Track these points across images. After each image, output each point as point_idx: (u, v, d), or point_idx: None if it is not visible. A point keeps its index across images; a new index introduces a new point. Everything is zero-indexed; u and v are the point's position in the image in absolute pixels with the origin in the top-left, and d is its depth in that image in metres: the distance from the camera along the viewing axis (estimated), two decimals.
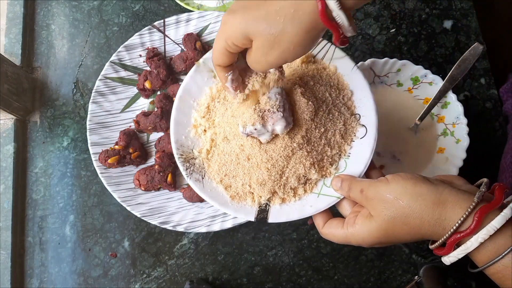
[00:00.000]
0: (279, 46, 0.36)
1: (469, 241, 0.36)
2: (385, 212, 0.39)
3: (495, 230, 0.35)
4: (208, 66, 0.52)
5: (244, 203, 0.48)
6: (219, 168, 0.49)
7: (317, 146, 0.47)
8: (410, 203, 0.38)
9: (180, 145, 0.51)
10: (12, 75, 0.68)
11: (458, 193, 0.37)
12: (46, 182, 0.69)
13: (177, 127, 0.51)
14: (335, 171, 0.48)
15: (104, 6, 0.76)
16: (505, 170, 0.61)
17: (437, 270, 0.61)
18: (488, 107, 0.70)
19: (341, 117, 0.49)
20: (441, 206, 0.37)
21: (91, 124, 0.66)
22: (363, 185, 0.42)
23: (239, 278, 0.65)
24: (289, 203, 0.48)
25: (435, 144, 0.65)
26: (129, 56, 0.69)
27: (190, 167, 0.50)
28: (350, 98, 0.50)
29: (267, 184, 0.47)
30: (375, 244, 0.41)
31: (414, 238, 0.39)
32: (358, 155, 0.48)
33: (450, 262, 0.38)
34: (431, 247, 0.40)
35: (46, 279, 0.66)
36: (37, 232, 0.67)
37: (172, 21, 0.70)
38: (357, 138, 0.49)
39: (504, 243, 0.35)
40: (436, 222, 0.37)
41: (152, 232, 0.66)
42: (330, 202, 0.47)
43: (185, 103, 0.52)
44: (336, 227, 0.44)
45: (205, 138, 0.51)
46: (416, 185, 0.39)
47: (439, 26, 0.73)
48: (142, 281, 0.65)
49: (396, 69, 0.65)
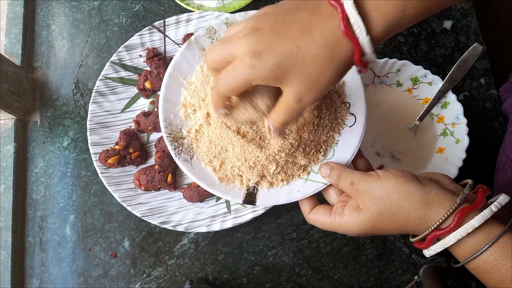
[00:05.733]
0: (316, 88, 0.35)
1: (447, 237, 0.38)
2: (374, 208, 0.41)
3: (473, 229, 0.37)
4: (200, 44, 0.51)
5: (233, 186, 0.48)
6: (208, 149, 0.49)
7: (310, 135, 0.47)
8: (399, 202, 0.40)
9: (169, 124, 0.50)
10: (12, 75, 0.68)
11: (443, 194, 0.39)
12: (46, 182, 0.69)
13: (166, 104, 0.50)
14: (323, 158, 0.49)
15: (104, 6, 0.76)
16: (500, 169, 0.61)
17: (437, 270, 0.61)
18: (488, 107, 0.70)
19: (332, 105, 0.49)
20: (427, 206, 0.39)
21: (91, 124, 0.66)
22: (354, 177, 0.43)
23: (239, 278, 0.65)
24: (277, 187, 0.49)
25: (435, 144, 0.65)
26: (129, 56, 0.69)
27: (178, 146, 0.49)
28: (342, 86, 0.51)
29: (256, 167, 0.47)
30: (361, 235, 0.43)
31: (399, 232, 0.41)
32: (346, 143, 0.49)
33: (429, 255, 0.41)
34: (412, 240, 0.42)
35: (46, 279, 0.66)
36: (37, 232, 0.67)
37: (172, 21, 0.70)
38: (346, 126, 0.49)
39: (483, 240, 0.37)
40: (421, 220, 0.39)
41: (152, 232, 0.66)
42: (318, 188, 0.47)
43: (175, 81, 0.51)
44: (323, 214, 0.45)
45: (195, 118, 0.50)
46: (406, 184, 0.40)
47: (439, 26, 0.73)
48: (142, 281, 0.65)
49: (396, 69, 0.65)
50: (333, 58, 0.35)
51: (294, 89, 0.35)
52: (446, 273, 0.62)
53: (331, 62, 0.35)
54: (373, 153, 0.65)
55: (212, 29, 0.52)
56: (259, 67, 0.34)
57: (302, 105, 0.36)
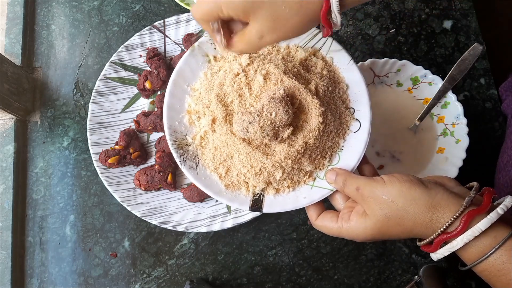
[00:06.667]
0: (278, 31, 0.38)
1: (454, 240, 0.38)
2: (380, 213, 0.41)
3: (480, 232, 0.37)
4: (203, 50, 0.51)
5: (239, 192, 0.48)
6: (213, 156, 0.48)
7: (316, 141, 0.47)
8: (405, 206, 0.40)
9: (174, 131, 0.50)
10: (12, 75, 0.68)
11: (449, 197, 0.39)
12: (47, 182, 0.69)
13: (170, 112, 0.50)
14: (329, 164, 0.49)
15: (104, 6, 0.76)
16: (502, 170, 0.61)
17: (437, 270, 0.61)
18: (488, 107, 0.70)
19: (337, 111, 0.49)
20: (433, 210, 0.39)
21: (91, 124, 0.66)
22: (359, 183, 0.43)
23: (239, 278, 0.65)
24: (283, 194, 0.48)
25: (435, 144, 0.65)
26: (129, 56, 0.69)
27: (183, 153, 0.49)
28: (345, 92, 0.51)
29: (262, 174, 0.47)
30: (368, 240, 0.43)
31: (406, 237, 0.41)
32: (351, 148, 0.49)
33: (437, 258, 0.41)
34: (419, 244, 0.42)
35: (46, 279, 0.66)
36: (37, 232, 0.67)
37: (172, 21, 0.70)
38: (350, 131, 0.49)
39: (490, 243, 0.37)
40: (427, 224, 0.39)
41: (152, 232, 0.66)
42: (324, 194, 0.47)
43: (179, 88, 0.51)
44: (330, 220, 0.45)
45: (199, 124, 0.50)
46: (411, 188, 0.40)
47: (439, 26, 0.73)
48: (142, 281, 0.65)
49: (396, 69, 0.65)
50: (302, 7, 0.37)
51: (258, 26, 0.38)
52: (446, 273, 0.62)
53: (299, 10, 0.37)
54: (373, 153, 0.65)
55: None
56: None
57: (262, 43, 0.39)
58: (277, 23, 0.37)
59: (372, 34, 0.74)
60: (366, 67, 0.65)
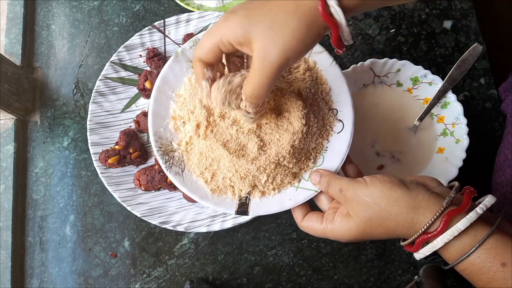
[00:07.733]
0: (281, 39, 0.36)
1: (435, 240, 0.39)
2: (363, 214, 0.41)
3: (459, 232, 0.37)
4: (186, 56, 0.51)
5: (225, 197, 0.49)
6: (199, 161, 0.49)
7: (300, 143, 0.47)
8: (387, 208, 0.40)
9: (159, 137, 0.50)
10: (12, 75, 0.68)
11: (430, 197, 0.40)
12: (47, 182, 0.69)
13: (155, 118, 0.50)
14: (313, 165, 0.49)
15: (104, 6, 0.76)
16: (499, 169, 0.61)
17: (437, 270, 0.61)
18: (488, 107, 0.70)
19: (320, 112, 0.49)
20: (414, 211, 0.39)
21: (91, 124, 0.66)
22: (342, 184, 0.43)
23: (239, 278, 0.65)
24: (269, 196, 0.49)
25: (435, 144, 0.65)
26: (129, 56, 0.69)
27: (169, 159, 0.49)
28: (328, 93, 0.51)
29: (248, 177, 0.47)
30: (352, 241, 0.43)
31: (389, 237, 0.42)
32: (335, 149, 0.49)
33: (419, 258, 0.41)
34: (402, 244, 0.42)
35: (47, 279, 0.66)
36: (37, 232, 0.67)
37: (172, 21, 0.70)
38: (334, 132, 0.50)
39: (470, 242, 0.38)
40: (409, 225, 0.40)
41: (152, 232, 0.66)
42: (309, 196, 0.48)
43: (163, 94, 0.51)
44: (315, 221, 0.45)
45: (184, 130, 0.50)
46: (392, 189, 0.41)
47: (439, 26, 0.74)
48: (142, 281, 0.65)
49: (396, 69, 0.65)
50: (298, 7, 0.36)
51: (260, 43, 0.36)
52: (446, 273, 0.62)
53: (296, 10, 0.35)
54: (373, 153, 0.65)
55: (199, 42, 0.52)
56: (230, 18, 0.37)
57: (267, 65, 0.36)
58: (277, 30, 0.36)
59: (372, 34, 0.74)
60: (366, 67, 0.65)
